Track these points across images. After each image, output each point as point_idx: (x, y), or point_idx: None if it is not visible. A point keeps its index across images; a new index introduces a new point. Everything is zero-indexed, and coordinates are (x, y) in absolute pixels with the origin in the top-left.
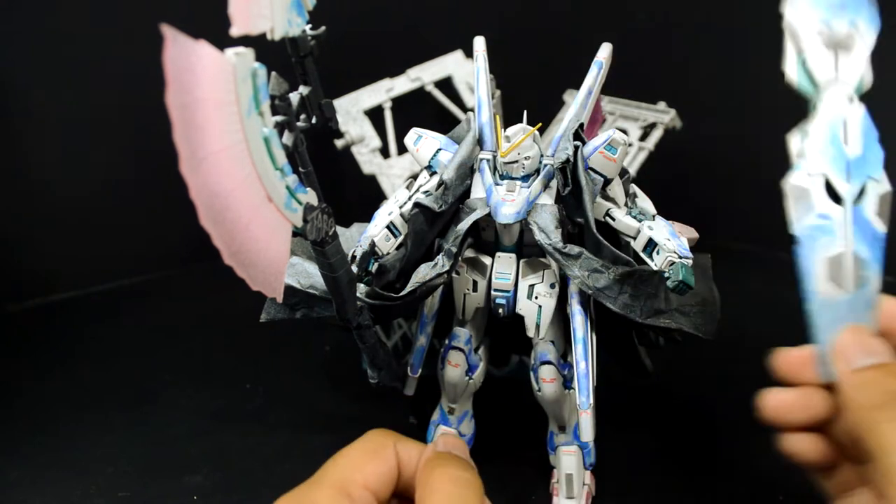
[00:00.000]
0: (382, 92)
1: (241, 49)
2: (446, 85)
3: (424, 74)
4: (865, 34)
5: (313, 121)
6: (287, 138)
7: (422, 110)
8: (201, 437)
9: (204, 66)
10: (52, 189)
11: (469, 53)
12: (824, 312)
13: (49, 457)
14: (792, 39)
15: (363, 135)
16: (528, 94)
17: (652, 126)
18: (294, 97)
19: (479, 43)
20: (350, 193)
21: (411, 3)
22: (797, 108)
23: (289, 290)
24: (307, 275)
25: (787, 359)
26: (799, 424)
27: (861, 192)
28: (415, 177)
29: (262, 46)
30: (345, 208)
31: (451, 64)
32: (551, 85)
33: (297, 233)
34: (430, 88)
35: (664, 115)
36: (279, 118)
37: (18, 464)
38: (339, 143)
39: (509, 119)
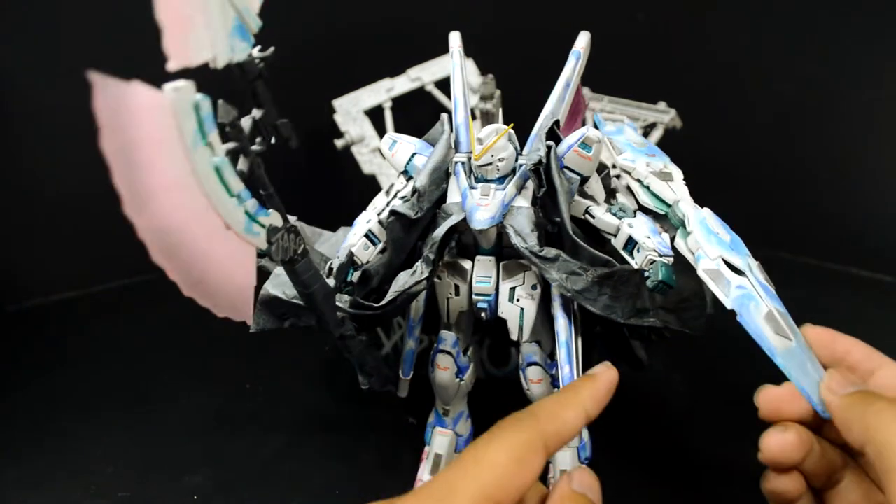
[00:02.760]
0: (382, 92)
1: (180, 83)
2: (446, 85)
3: (424, 74)
4: (674, 168)
5: (273, 141)
6: (242, 164)
7: (422, 110)
8: (201, 437)
9: (140, 105)
10: (52, 189)
11: (469, 53)
12: (790, 361)
13: (49, 457)
14: (630, 177)
15: (363, 135)
16: (528, 94)
17: (652, 126)
18: (246, 122)
19: (455, 39)
20: (350, 193)
21: (411, 3)
22: (796, 108)
23: (275, 300)
24: (291, 285)
25: (769, 396)
26: (794, 463)
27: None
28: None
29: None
30: (345, 208)
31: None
32: (551, 85)
33: (263, 254)
34: (430, 88)
35: (664, 115)
36: (231, 145)
37: (18, 464)
38: (338, 143)
39: (509, 118)
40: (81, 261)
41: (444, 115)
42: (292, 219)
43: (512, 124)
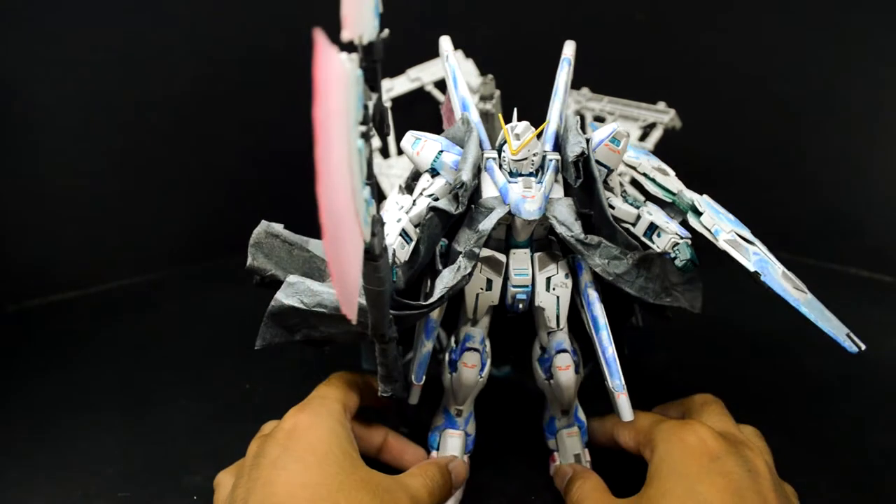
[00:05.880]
0: (382, 92)
1: (352, 55)
2: (446, 85)
3: (424, 74)
4: (667, 167)
5: (374, 130)
6: (364, 148)
7: (421, 110)
8: (201, 437)
9: (335, 74)
10: (52, 189)
11: (468, 53)
12: (811, 309)
13: (49, 457)
14: (636, 172)
15: None
16: (528, 94)
17: (652, 126)
18: (370, 105)
19: (446, 42)
20: None
21: (411, 2)
22: (796, 108)
23: (290, 311)
24: (311, 293)
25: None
26: None
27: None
28: (409, 186)
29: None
30: None
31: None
32: (551, 85)
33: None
34: (430, 88)
35: (664, 115)
36: (363, 128)
37: (18, 464)
38: None
39: (508, 119)
40: (81, 261)
41: (465, 114)
42: (278, 226)
43: (547, 121)
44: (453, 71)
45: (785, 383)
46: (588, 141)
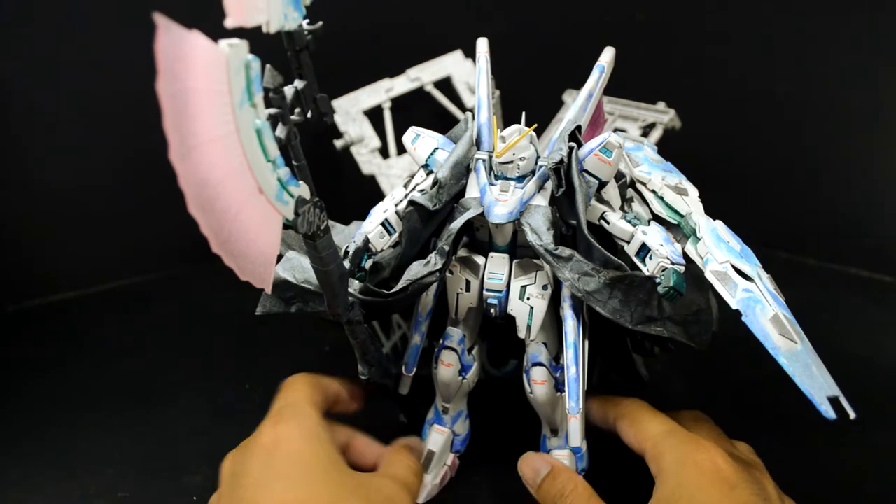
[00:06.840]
0: (382, 92)
1: (234, 40)
2: (445, 85)
3: (424, 74)
4: (690, 186)
5: (308, 115)
6: (280, 131)
7: (421, 110)
8: (201, 437)
9: (196, 55)
10: (52, 189)
11: (468, 53)
12: (794, 362)
13: (49, 456)
14: (646, 188)
15: (362, 135)
16: (528, 94)
17: (651, 126)
18: (288, 90)
19: (483, 44)
20: (350, 193)
21: (411, 2)
22: (795, 108)
23: (284, 284)
24: (302, 269)
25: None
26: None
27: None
28: (413, 175)
29: (265, 39)
30: (344, 208)
31: (450, 64)
32: (551, 85)
33: (288, 225)
34: (430, 88)
35: (664, 115)
36: (273, 111)
37: (18, 464)
38: (338, 143)
39: (508, 119)
40: (81, 261)
41: (468, 114)
42: None
43: (535, 125)
44: (480, 72)
45: (783, 383)
46: (572, 149)
